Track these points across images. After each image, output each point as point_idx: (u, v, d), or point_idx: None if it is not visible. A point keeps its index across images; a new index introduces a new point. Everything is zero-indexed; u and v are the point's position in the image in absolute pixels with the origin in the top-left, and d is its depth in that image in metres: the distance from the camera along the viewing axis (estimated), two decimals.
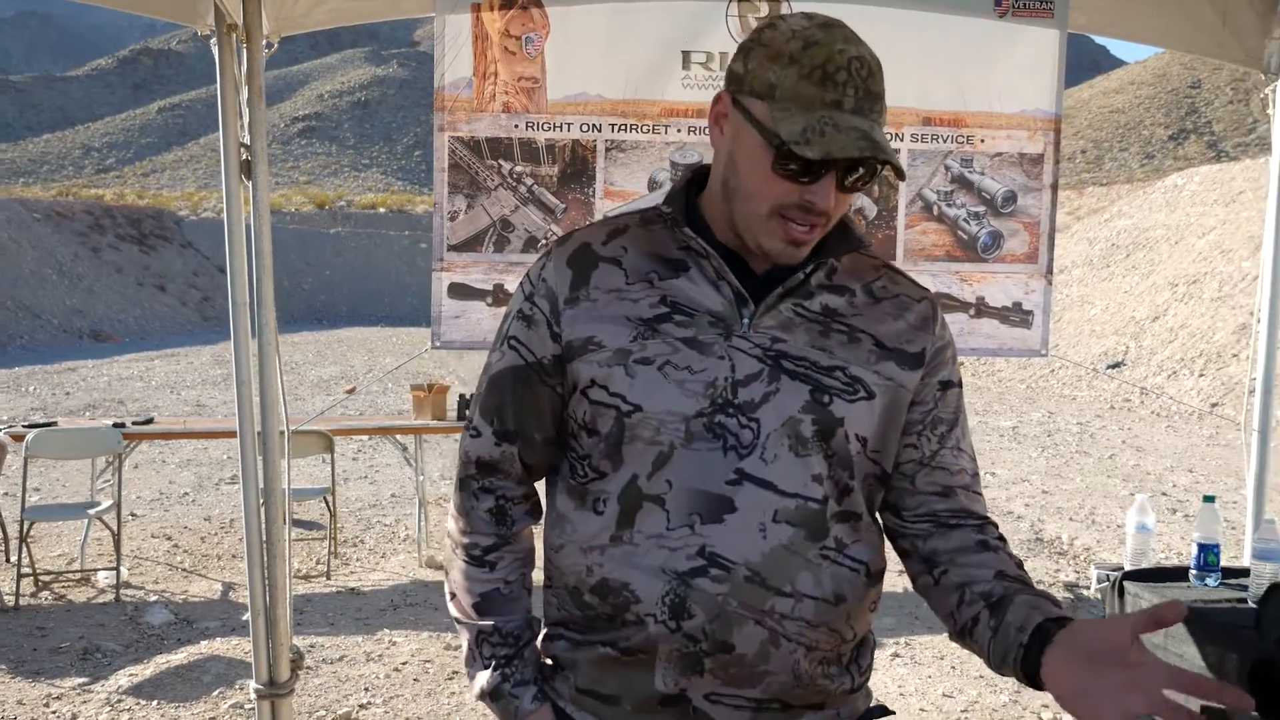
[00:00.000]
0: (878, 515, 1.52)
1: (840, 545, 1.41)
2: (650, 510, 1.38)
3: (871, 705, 1.56)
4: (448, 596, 1.59)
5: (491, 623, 1.52)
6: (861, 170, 1.35)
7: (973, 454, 1.54)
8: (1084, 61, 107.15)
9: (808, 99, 1.31)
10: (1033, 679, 1.27)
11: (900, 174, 1.34)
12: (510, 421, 1.52)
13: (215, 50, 3.01)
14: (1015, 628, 1.31)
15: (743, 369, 1.39)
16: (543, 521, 1.57)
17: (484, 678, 1.52)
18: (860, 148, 1.29)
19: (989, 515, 1.51)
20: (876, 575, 1.48)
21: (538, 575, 1.55)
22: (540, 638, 1.56)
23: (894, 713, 1.60)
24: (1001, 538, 1.48)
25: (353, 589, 6.36)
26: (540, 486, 1.60)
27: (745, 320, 1.41)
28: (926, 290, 1.54)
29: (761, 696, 1.40)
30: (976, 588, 1.40)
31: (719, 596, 1.35)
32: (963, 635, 1.42)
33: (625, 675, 1.43)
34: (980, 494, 1.53)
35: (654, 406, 1.38)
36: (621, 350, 1.40)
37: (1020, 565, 1.44)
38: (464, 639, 1.55)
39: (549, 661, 1.55)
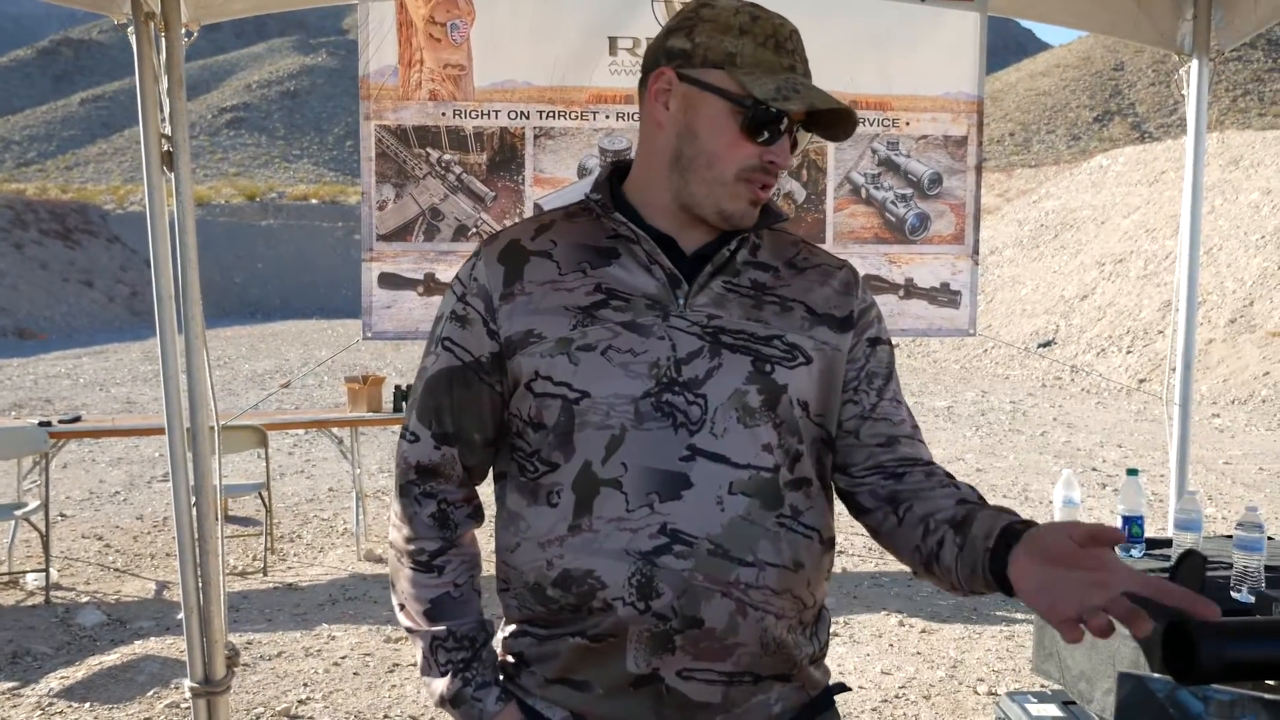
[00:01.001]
0: (830, 482, 1.54)
1: (795, 512, 1.44)
2: (609, 494, 1.39)
3: (831, 683, 1.58)
4: (396, 608, 1.56)
5: (444, 627, 1.51)
6: (797, 135, 1.46)
7: (909, 408, 1.58)
8: (1010, 45, 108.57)
9: (769, 64, 1.41)
10: (1001, 582, 1.26)
11: (847, 133, 1.47)
12: (449, 424, 1.51)
13: (133, 40, 2.96)
14: (981, 538, 1.31)
15: (684, 347, 1.41)
16: (494, 526, 1.55)
17: (443, 685, 1.50)
18: (833, 102, 1.41)
19: (934, 461, 1.54)
20: (829, 542, 1.50)
21: (486, 580, 1.54)
22: (503, 637, 1.55)
23: (850, 689, 1.63)
24: (950, 475, 1.50)
25: (290, 584, 6.30)
26: (481, 490, 1.59)
27: (680, 300, 1.44)
28: (844, 260, 1.60)
29: (733, 670, 1.42)
30: (940, 515, 1.40)
31: (684, 572, 1.36)
32: (929, 565, 1.41)
33: (596, 661, 1.43)
34: (924, 443, 1.55)
35: (601, 391, 1.40)
36: (563, 339, 1.41)
37: (980, 494, 1.46)
38: (418, 648, 1.53)
39: (510, 659, 1.53)
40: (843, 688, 1.59)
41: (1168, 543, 3.27)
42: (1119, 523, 3.25)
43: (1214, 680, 1.13)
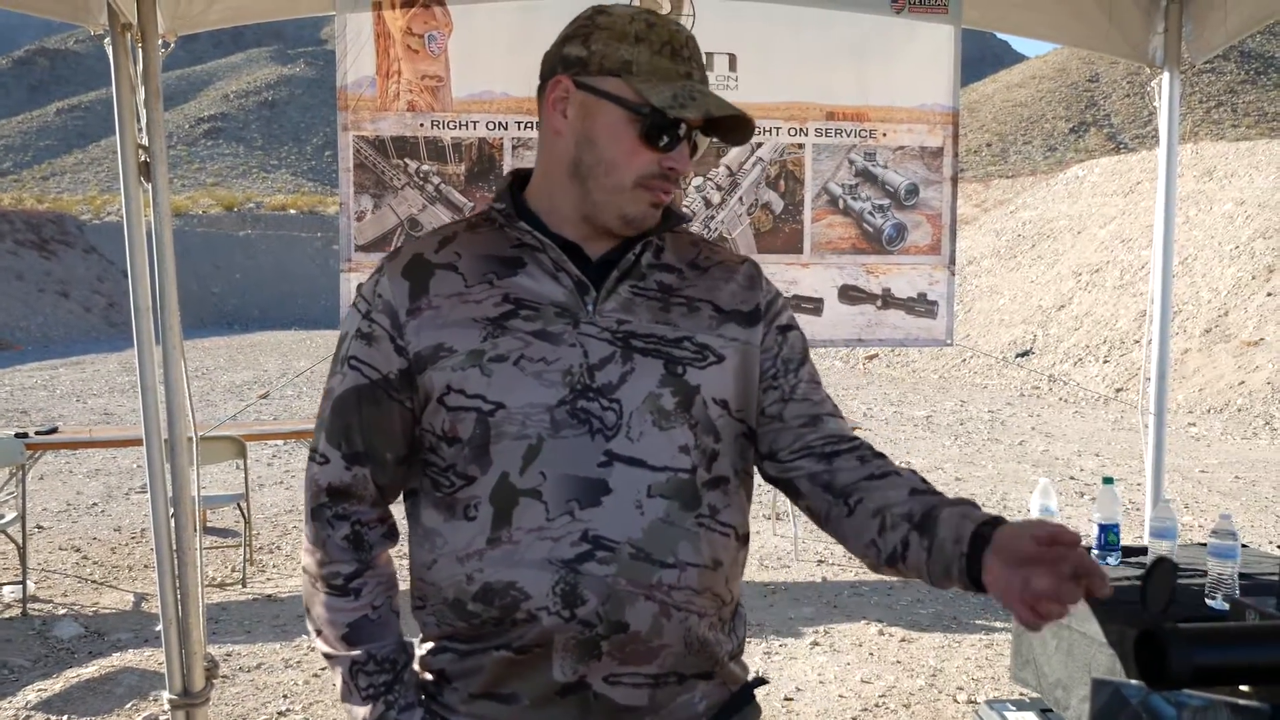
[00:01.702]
0: (747, 477, 1.56)
1: (713, 511, 1.45)
2: (528, 505, 1.38)
3: (750, 678, 1.60)
4: (312, 633, 1.53)
5: (364, 651, 1.48)
6: (695, 139, 1.47)
7: (821, 383, 1.60)
8: (987, 56, 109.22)
9: (665, 71, 1.42)
10: (978, 584, 1.28)
11: (745, 138, 1.49)
12: (359, 443, 1.49)
13: (110, 50, 2.96)
14: (951, 541, 1.32)
15: (595, 353, 1.42)
16: (407, 544, 1.54)
17: (365, 711, 1.48)
18: (730, 109, 1.43)
19: (859, 437, 1.57)
20: (744, 539, 1.52)
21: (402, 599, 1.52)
22: (422, 655, 1.53)
23: (769, 681, 1.64)
24: (881, 454, 1.53)
25: (269, 595, 6.27)
26: (395, 510, 1.57)
27: (589, 307, 1.45)
28: (745, 256, 1.63)
29: (658, 671, 1.43)
30: (896, 510, 1.41)
31: (608, 578, 1.37)
32: (892, 562, 1.41)
33: (522, 673, 1.42)
34: (844, 418, 1.59)
35: (515, 401, 1.39)
36: (474, 351, 1.41)
37: (921, 476, 1.48)
38: (337, 674, 1.50)
39: (429, 677, 1.51)
40: (761, 681, 1.61)
41: (1143, 550, 3.30)
42: (1095, 530, 3.28)
43: (1185, 686, 1.14)
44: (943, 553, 1.32)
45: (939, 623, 5.66)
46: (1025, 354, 18.77)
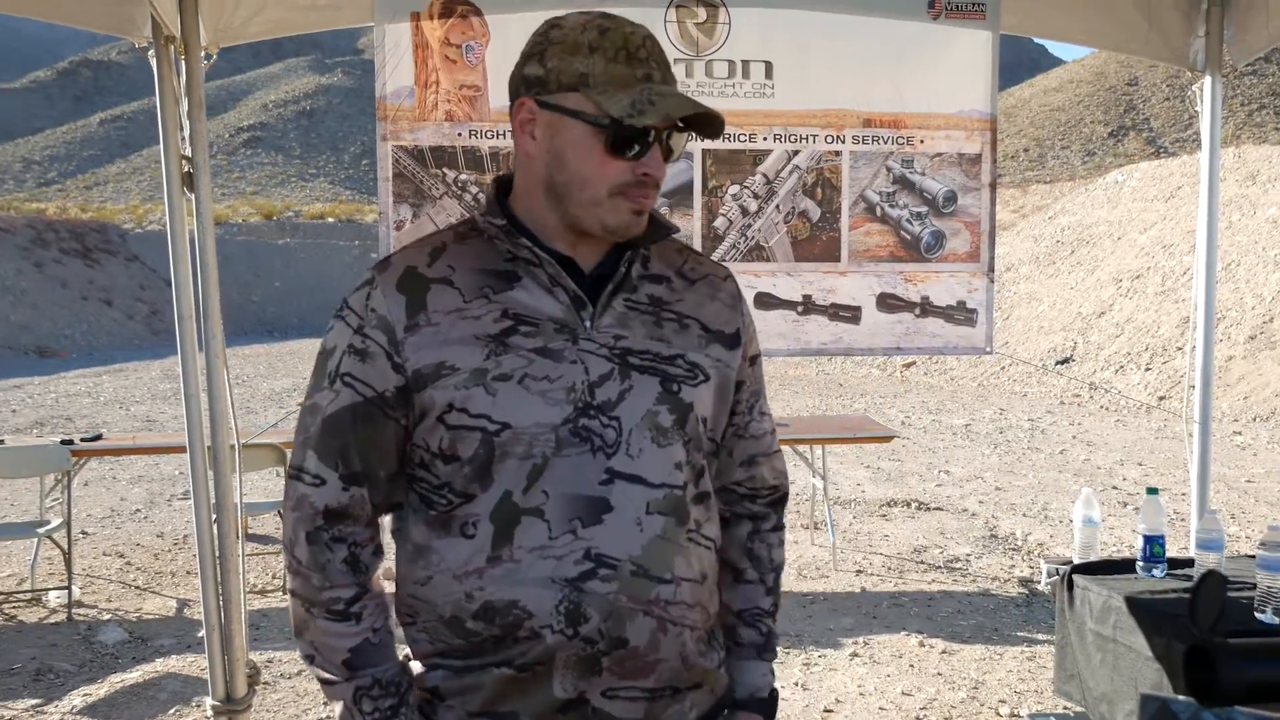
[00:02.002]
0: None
1: (699, 526, 1.48)
2: (530, 523, 1.39)
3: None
4: (304, 659, 1.51)
5: (369, 676, 1.46)
6: (670, 140, 1.45)
7: (769, 413, 1.68)
8: (1024, 61, 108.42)
9: (622, 78, 1.39)
10: None
11: (719, 129, 1.45)
12: (356, 463, 1.46)
13: (153, 62, 2.99)
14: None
15: (595, 370, 1.42)
16: (394, 559, 1.53)
17: None
18: (691, 106, 1.41)
19: (779, 482, 1.69)
20: (720, 552, 1.58)
21: None
22: (415, 673, 1.51)
23: None
24: (776, 526, 1.68)
25: None
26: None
27: (587, 322, 1.44)
28: (725, 267, 1.64)
29: (654, 686, 1.45)
30: (727, 609, 1.64)
31: (609, 595, 1.38)
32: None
33: (523, 690, 1.42)
34: (778, 451, 1.67)
35: (522, 421, 1.39)
36: (478, 370, 1.40)
37: (770, 586, 1.67)
38: (337, 701, 1.48)
39: (420, 694, 1.50)
40: None
41: (1190, 562, 3.25)
42: (1140, 542, 3.23)
43: (1237, 701, 1.12)
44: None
45: (980, 634, 5.61)
46: (1065, 361, 18.59)
